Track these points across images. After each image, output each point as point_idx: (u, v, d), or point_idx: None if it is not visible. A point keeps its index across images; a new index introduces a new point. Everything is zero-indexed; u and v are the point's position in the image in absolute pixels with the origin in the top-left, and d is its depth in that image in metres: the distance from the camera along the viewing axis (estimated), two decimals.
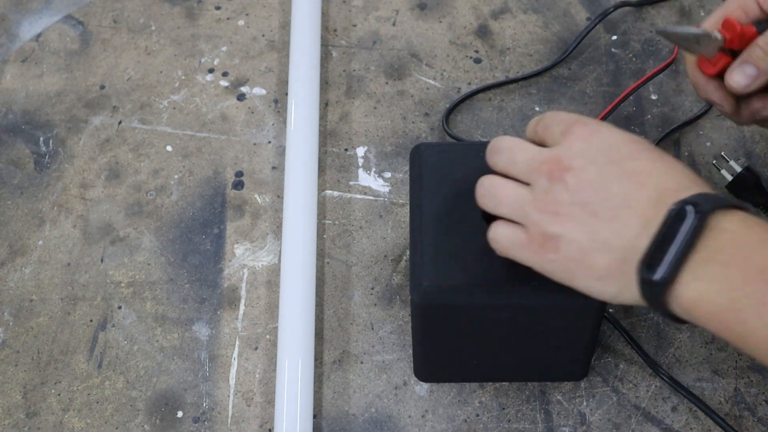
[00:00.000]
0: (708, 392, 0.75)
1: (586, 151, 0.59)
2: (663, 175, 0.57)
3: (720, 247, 0.53)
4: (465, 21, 0.99)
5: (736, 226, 0.54)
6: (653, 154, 0.59)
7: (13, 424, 0.76)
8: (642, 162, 0.58)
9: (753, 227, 0.54)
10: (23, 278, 0.83)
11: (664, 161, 0.58)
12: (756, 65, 0.67)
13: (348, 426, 0.75)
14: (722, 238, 0.54)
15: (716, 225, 0.54)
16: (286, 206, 0.83)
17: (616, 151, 0.59)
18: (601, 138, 0.59)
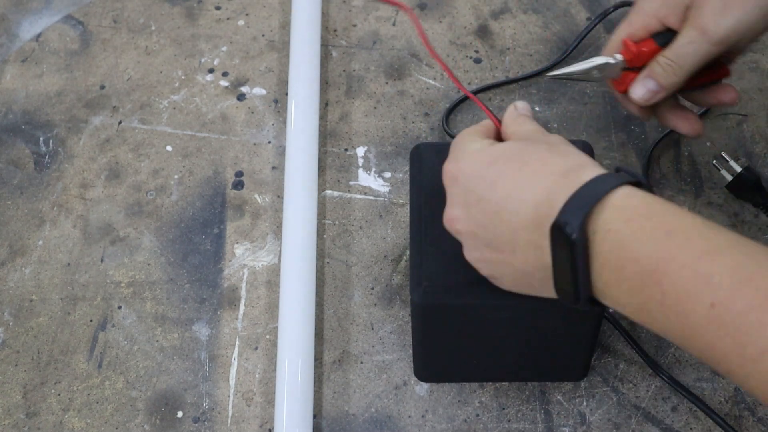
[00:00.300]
0: (708, 392, 0.75)
1: (456, 196, 0.61)
2: (531, 196, 0.57)
3: (609, 251, 0.53)
4: (465, 21, 0.99)
5: (616, 222, 0.53)
6: (508, 176, 0.58)
7: (13, 424, 0.76)
8: (510, 182, 0.58)
9: (631, 218, 0.52)
10: (23, 278, 0.83)
11: (521, 180, 0.57)
12: (656, 80, 0.71)
13: (348, 426, 0.75)
14: (608, 242, 0.53)
15: (599, 227, 0.53)
16: (286, 206, 0.83)
17: (478, 191, 0.59)
18: (462, 183, 0.60)
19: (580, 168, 0.56)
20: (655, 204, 0.53)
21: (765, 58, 0.94)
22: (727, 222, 0.83)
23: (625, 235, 0.52)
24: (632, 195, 0.54)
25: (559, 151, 0.58)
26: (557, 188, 0.55)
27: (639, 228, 0.52)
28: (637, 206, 0.53)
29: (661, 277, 0.50)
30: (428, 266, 0.67)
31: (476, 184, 0.59)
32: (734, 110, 0.91)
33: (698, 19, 0.67)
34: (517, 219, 0.57)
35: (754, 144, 0.88)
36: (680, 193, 0.86)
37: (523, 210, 0.56)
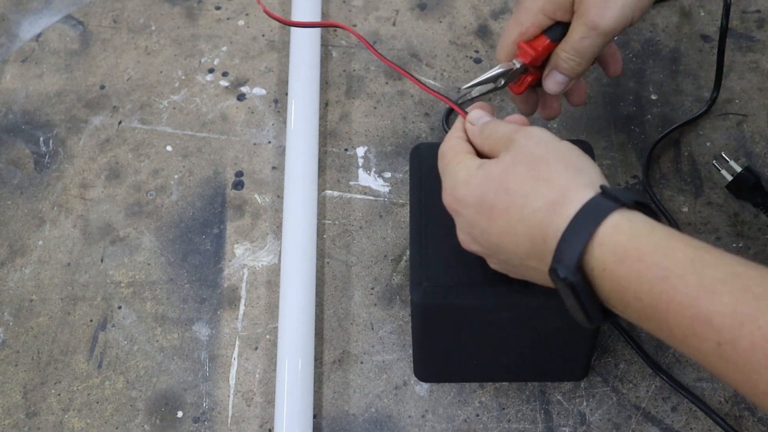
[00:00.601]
0: (708, 392, 0.75)
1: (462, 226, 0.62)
2: (525, 232, 0.57)
3: (610, 288, 0.54)
4: (465, 21, 0.99)
5: (610, 262, 0.53)
6: (501, 211, 0.58)
7: (13, 424, 0.76)
8: (503, 217, 0.58)
9: (624, 258, 0.53)
10: (23, 278, 0.83)
11: (513, 216, 0.58)
12: (563, 73, 0.71)
13: (348, 426, 0.75)
14: (607, 281, 0.54)
15: (595, 265, 0.54)
16: (286, 206, 0.83)
17: (479, 224, 0.60)
18: (463, 215, 0.61)
19: (564, 196, 0.56)
20: (645, 238, 0.53)
21: (765, 58, 0.94)
22: (727, 222, 0.83)
23: (621, 276, 0.53)
24: (620, 229, 0.54)
25: (541, 174, 0.58)
26: (547, 223, 0.56)
27: (632, 270, 0.52)
28: (626, 244, 0.53)
29: (664, 315, 0.51)
30: (428, 266, 0.67)
31: (475, 218, 0.60)
32: (734, 110, 0.91)
33: (585, 15, 0.68)
34: (519, 251, 0.58)
35: (754, 144, 0.88)
36: (680, 193, 0.86)
37: (522, 244, 0.58)
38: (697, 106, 0.91)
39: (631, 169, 0.87)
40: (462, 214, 0.61)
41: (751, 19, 0.97)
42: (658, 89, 0.92)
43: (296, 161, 0.85)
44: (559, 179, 0.57)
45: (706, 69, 0.94)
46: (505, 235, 0.58)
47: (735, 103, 0.91)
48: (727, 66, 0.93)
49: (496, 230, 0.59)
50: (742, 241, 0.82)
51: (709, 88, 0.92)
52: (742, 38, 0.96)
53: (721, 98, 0.91)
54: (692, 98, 0.92)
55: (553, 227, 0.55)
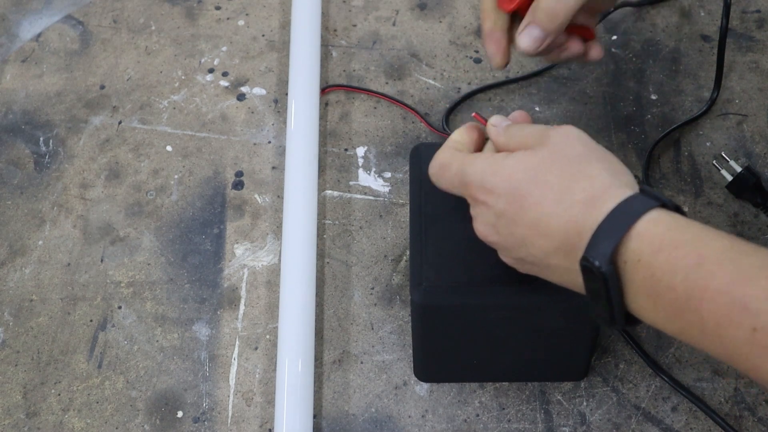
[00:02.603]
0: (708, 392, 0.75)
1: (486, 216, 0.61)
2: (558, 224, 0.56)
3: (642, 280, 0.53)
4: (465, 21, 0.99)
5: (646, 252, 0.53)
6: (535, 201, 0.57)
7: (13, 424, 0.76)
8: (536, 208, 0.57)
9: (660, 248, 0.52)
10: (23, 278, 0.83)
11: (548, 206, 0.57)
12: (541, 27, 0.68)
13: (348, 426, 0.75)
14: (640, 272, 0.53)
15: (629, 258, 0.53)
16: (286, 206, 0.83)
17: (509, 214, 0.59)
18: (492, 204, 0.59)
19: (604, 193, 0.55)
20: (682, 230, 0.53)
21: (765, 58, 0.94)
22: (727, 222, 0.83)
23: (656, 266, 0.52)
24: (658, 221, 0.54)
25: (582, 170, 0.57)
26: (584, 217, 0.55)
27: (669, 258, 0.52)
28: (664, 235, 0.53)
29: (698, 304, 0.51)
30: (428, 266, 0.67)
31: (505, 208, 0.58)
32: (734, 110, 0.91)
33: None
34: (548, 245, 0.57)
35: (754, 144, 0.88)
36: (680, 193, 0.86)
37: (553, 238, 0.56)
38: (697, 106, 0.91)
39: (631, 169, 0.87)
40: (489, 205, 0.59)
41: (751, 19, 0.97)
42: (658, 89, 0.92)
43: (296, 161, 0.85)
44: (599, 177, 0.56)
45: (706, 69, 0.94)
46: (535, 227, 0.57)
47: (735, 103, 0.91)
48: (727, 66, 0.93)
49: (525, 222, 0.57)
50: None
51: (709, 88, 0.92)
52: (742, 38, 0.96)
53: (721, 98, 0.91)
54: (692, 98, 0.92)
55: (590, 222, 0.55)
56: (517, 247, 0.59)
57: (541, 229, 0.57)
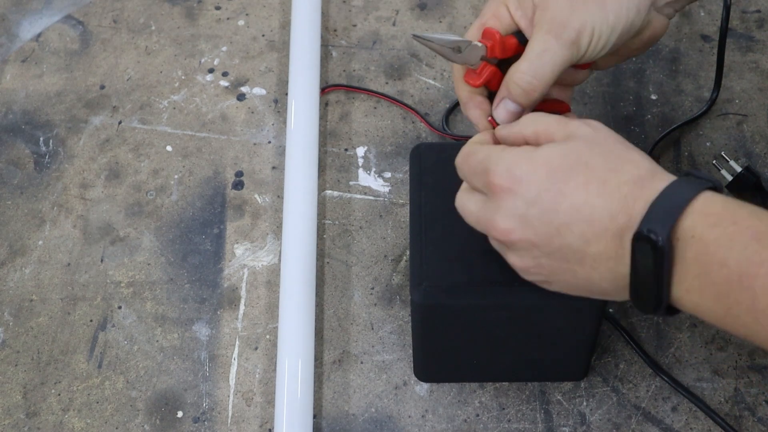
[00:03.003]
0: (708, 392, 0.75)
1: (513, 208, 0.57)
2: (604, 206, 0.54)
3: (694, 257, 0.52)
4: (465, 21, 0.99)
5: (700, 228, 0.52)
6: (576, 186, 0.55)
7: (13, 424, 0.76)
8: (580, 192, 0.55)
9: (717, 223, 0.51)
10: (23, 278, 0.83)
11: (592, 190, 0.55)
12: (516, 102, 0.64)
13: (348, 426, 0.75)
14: (692, 248, 0.52)
15: (682, 235, 0.52)
16: (286, 206, 0.83)
17: (543, 202, 0.56)
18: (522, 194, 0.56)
19: (652, 175, 0.55)
20: (738, 208, 0.52)
21: (765, 58, 0.94)
22: None
23: (710, 241, 0.51)
24: (713, 200, 0.53)
25: (623, 155, 0.56)
26: (633, 197, 0.54)
27: (724, 233, 0.51)
28: (720, 211, 0.52)
29: (752, 282, 0.49)
30: (428, 266, 0.67)
31: (540, 194, 0.56)
32: (734, 110, 0.91)
33: (546, 22, 0.62)
34: (590, 230, 0.55)
35: (754, 144, 0.88)
36: None
37: (598, 221, 0.54)
38: (697, 106, 0.91)
39: None
40: (518, 194, 0.56)
41: (751, 19, 0.97)
42: (658, 89, 0.92)
43: (296, 161, 0.85)
44: (642, 161, 0.55)
45: (706, 69, 0.94)
46: (577, 212, 0.54)
47: (735, 103, 0.91)
48: (727, 66, 0.93)
49: (565, 207, 0.55)
50: None
51: (709, 88, 0.92)
52: (742, 38, 0.96)
53: (721, 98, 0.91)
54: (692, 98, 0.92)
55: (641, 201, 0.53)
56: (550, 238, 0.56)
57: (585, 213, 0.54)
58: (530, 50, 0.63)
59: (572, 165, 0.55)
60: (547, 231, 0.56)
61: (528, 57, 0.63)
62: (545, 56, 0.62)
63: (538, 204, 0.56)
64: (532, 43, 0.63)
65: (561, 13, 0.62)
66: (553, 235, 0.56)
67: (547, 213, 0.56)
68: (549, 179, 0.56)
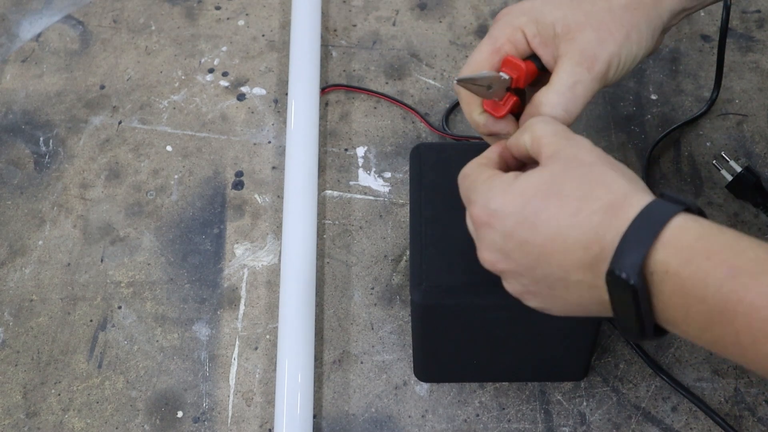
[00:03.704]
0: (708, 392, 0.75)
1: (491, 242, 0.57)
2: (577, 237, 0.53)
3: (672, 292, 0.50)
4: (465, 21, 0.99)
5: (674, 263, 0.50)
6: (549, 215, 0.54)
7: (13, 424, 0.76)
8: (552, 223, 0.54)
9: (690, 259, 0.50)
10: (23, 278, 0.83)
11: (564, 219, 0.54)
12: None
13: (348, 426, 0.75)
14: (669, 284, 0.50)
15: (656, 269, 0.51)
16: (286, 206, 0.83)
17: (518, 235, 0.55)
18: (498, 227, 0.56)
19: (624, 199, 0.53)
20: (712, 238, 0.50)
21: (765, 58, 0.94)
22: (727, 222, 0.83)
23: (685, 277, 0.49)
24: (685, 228, 0.51)
25: (597, 178, 0.54)
26: (605, 226, 0.52)
27: (699, 269, 0.49)
28: (693, 243, 0.50)
29: (732, 318, 0.48)
30: (428, 266, 0.67)
31: (514, 227, 0.55)
32: (734, 110, 0.91)
33: (577, 54, 0.61)
34: (567, 260, 0.54)
35: (754, 144, 0.88)
36: (680, 193, 0.86)
37: (572, 252, 0.53)
38: (697, 106, 0.91)
39: (631, 169, 0.87)
40: (495, 228, 0.56)
41: (751, 19, 0.97)
42: (658, 89, 0.92)
43: (296, 161, 0.85)
44: (615, 183, 0.54)
45: (706, 69, 0.94)
46: (552, 243, 0.54)
47: (735, 103, 0.91)
48: (727, 66, 0.93)
49: (540, 239, 0.54)
50: None
51: (709, 88, 0.92)
52: (742, 38, 0.96)
53: (721, 98, 0.91)
54: (692, 98, 0.92)
55: (612, 231, 0.52)
56: (532, 269, 0.56)
57: (559, 244, 0.54)
58: (560, 82, 0.61)
59: (546, 194, 0.55)
60: (527, 262, 0.56)
61: (558, 89, 0.61)
62: (577, 88, 0.61)
63: (514, 237, 0.55)
64: (562, 75, 0.61)
65: (590, 45, 0.61)
66: (534, 266, 0.55)
67: (524, 245, 0.55)
68: (523, 211, 0.55)
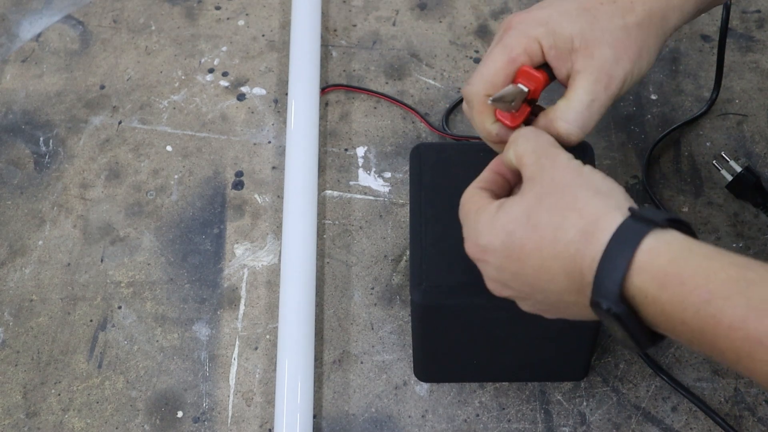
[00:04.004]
0: (708, 392, 0.75)
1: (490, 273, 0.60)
2: (560, 267, 0.55)
3: (655, 314, 0.52)
4: (465, 21, 0.99)
5: (651, 289, 0.52)
6: (531, 249, 0.56)
7: (13, 424, 0.76)
8: (535, 255, 0.56)
9: (665, 285, 0.51)
10: (23, 278, 0.83)
11: (544, 252, 0.55)
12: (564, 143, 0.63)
13: (348, 426, 0.75)
14: (651, 307, 0.52)
15: (636, 293, 0.52)
16: (286, 206, 0.83)
17: (509, 268, 0.58)
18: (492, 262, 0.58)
19: (596, 224, 0.54)
20: (684, 261, 0.51)
21: (765, 58, 0.94)
22: (727, 222, 0.83)
23: (664, 302, 0.51)
24: (657, 252, 0.52)
25: (569, 204, 0.55)
26: (581, 255, 0.54)
27: (675, 295, 0.51)
28: (666, 268, 0.51)
29: (712, 339, 0.50)
30: (428, 266, 0.67)
31: (503, 262, 0.58)
32: (734, 110, 0.91)
33: (596, 70, 0.61)
34: (557, 288, 0.56)
35: (754, 144, 0.88)
36: (680, 193, 0.86)
37: (559, 281, 0.56)
38: (697, 106, 0.91)
39: (631, 169, 0.87)
40: (488, 262, 0.59)
41: (751, 19, 0.97)
42: (658, 89, 0.92)
43: (296, 161, 0.85)
44: (587, 207, 0.55)
45: (706, 69, 0.94)
46: (539, 273, 0.56)
47: (735, 103, 0.91)
48: (727, 66, 0.93)
49: (528, 271, 0.56)
50: (742, 242, 0.82)
51: (709, 88, 0.92)
52: (742, 38, 0.96)
53: (721, 98, 0.91)
54: (692, 98, 0.92)
55: (588, 258, 0.53)
56: (530, 294, 0.58)
57: (545, 274, 0.56)
58: (578, 99, 0.62)
59: (525, 227, 0.56)
60: (523, 289, 0.59)
61: (576, 108, 0.62)
62: (594, 106, 0.62)
63: (505, 270, 0.58)
64: (580, 92, 0.62)
65: (607, 63, 0.61)
66: (531, 292, 0.58)
67: (517, 276, 0.58)
68: (509, 247, 0.57)
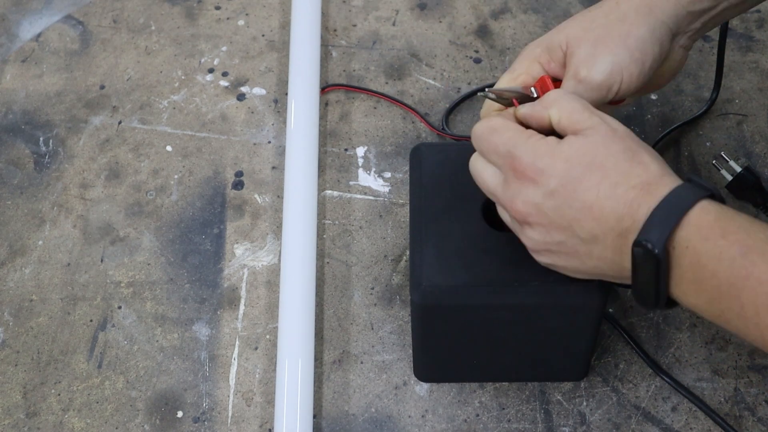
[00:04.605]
0: (708, 392, 0.75)
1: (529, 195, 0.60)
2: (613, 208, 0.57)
3: (688, 265, 0.55)
4: (465, 21, 0.99)
5: (694, 240, 0.55)
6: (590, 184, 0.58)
7: (13, 424, 0.76)
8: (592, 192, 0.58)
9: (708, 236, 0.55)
10: (23, 278, 0.83)
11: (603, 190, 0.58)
12: None
13: (348, 426, 0.75)
14: (687, 258, 0.55)
15: (677, 244, 0.55)
16: (286, 206, 0.83)
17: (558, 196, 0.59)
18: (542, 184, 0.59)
19: (659, 180, 0.57)
20: (729, 220, 0.55)
21: (765, 58, 0.94)
22: None
23: (702, 253, 0.54)
24: (707, 211, 0.55)
25: (636, 157, 0.59)
26: (638, 203, 0.56)
27: (715, 246, 0.54)
28: (713, 223, 0.55)
29: (739, 293, 0.53)
30: (428, 266, 0.67)
31: (557, 189, 0.59)
32: (734, 110, 0.91)
33: (573, 67, 0.66)
34: (598, 228, 0.58)
35: (754, 144, 0.88)
36: None
37: (606, 221, 0.58)
38: (697, 106, 0.91)
39: None
40: (539, 185, 0.59)
41: (751, 19, 0.97)
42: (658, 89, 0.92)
43: (296, 161, 0.85)
44: (652, 164, 0.58)
45: (706, 69, 0.94)
46: (588, 210, 0.58)
47: (735, 103, 0.91)
48: (727, 66, 0.93)
49: (578, 204, 0.58)
50: None
51: (709, 88, 0.92)
52: (742, 38, 0.96)
53: (721, 98, 0.91)
54: (692, 98, 0.92)
55: (644, 207, 0.56)
56: (561, 229, 0.59)
57: (595, 212, 0.58)
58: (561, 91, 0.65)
59: (589, 164, 0.58)
60: (559, 223, 0.59)
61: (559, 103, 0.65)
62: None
63: (555, 197, 0.59)
64: (564, 86, 0.67)
65: (586, 57, 0.66)
66: (565, 227, 0.59)
67: (562, 207, 0.59)
68: (567, 175, 0.58)
